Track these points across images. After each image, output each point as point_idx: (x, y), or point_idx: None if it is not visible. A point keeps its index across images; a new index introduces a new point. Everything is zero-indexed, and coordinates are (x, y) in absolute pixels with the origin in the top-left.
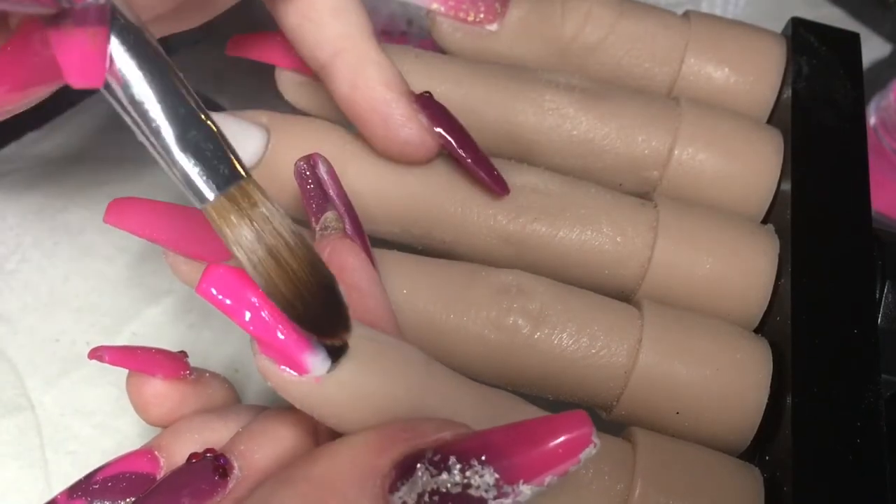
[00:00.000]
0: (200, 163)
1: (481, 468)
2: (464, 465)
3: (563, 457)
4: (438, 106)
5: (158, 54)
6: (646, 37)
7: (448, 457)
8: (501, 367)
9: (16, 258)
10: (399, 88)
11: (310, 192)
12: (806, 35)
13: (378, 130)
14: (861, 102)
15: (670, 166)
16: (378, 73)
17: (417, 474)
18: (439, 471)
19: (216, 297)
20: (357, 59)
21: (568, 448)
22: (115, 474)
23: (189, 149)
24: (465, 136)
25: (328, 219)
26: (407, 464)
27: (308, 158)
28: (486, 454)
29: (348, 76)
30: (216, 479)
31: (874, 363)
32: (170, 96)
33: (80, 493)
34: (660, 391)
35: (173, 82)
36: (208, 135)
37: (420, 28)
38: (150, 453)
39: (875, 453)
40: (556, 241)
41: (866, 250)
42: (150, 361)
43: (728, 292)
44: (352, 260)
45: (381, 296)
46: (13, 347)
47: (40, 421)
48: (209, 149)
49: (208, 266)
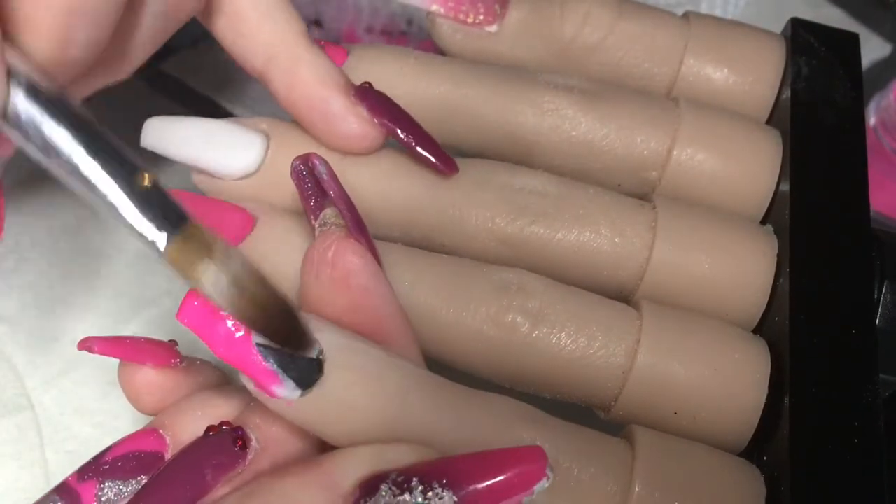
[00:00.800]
0: (150, 210)
1: (441, 491)
2: (425, 487)
3: (518, 487)
4: (378, 95)
5: (84, 116)
6: (645, 37)
7: (411, 478)
8: (500, 363)
9: (14, 257)
10: (334, 84)
11: (307, 191)
12: (805, 36)
13: (319, 127)
14: (860, 103)
15: (669, 167)
16: (311, 71)
17: (381, 493)
18: (402, 491)
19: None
20: (289, 62)
21: (523, 479)
22: (124, 454)
23: (135, 199)
24: (409, 121)
25: (327, 215)
26: (371, 484)
27: (305, 158)
28: (448, 479)
29: (284, 79)
30: (236, 450)
31: (872, 363)
32: (105, 153)
33: (91, 474)
34: (658, 391)
35: (106, 139)
36: (151, 183)
37: (420, 28)
38: (156, 432)
39: (873, 453)
40: (554, 243)
41: (865, 251)
42: (138, 350)
43: (726, 293)
44: (356, 259)
45: (388, 294)
46: (13, 347)
47: (40, 420)
48: (155, 196)
49: (186, 295)
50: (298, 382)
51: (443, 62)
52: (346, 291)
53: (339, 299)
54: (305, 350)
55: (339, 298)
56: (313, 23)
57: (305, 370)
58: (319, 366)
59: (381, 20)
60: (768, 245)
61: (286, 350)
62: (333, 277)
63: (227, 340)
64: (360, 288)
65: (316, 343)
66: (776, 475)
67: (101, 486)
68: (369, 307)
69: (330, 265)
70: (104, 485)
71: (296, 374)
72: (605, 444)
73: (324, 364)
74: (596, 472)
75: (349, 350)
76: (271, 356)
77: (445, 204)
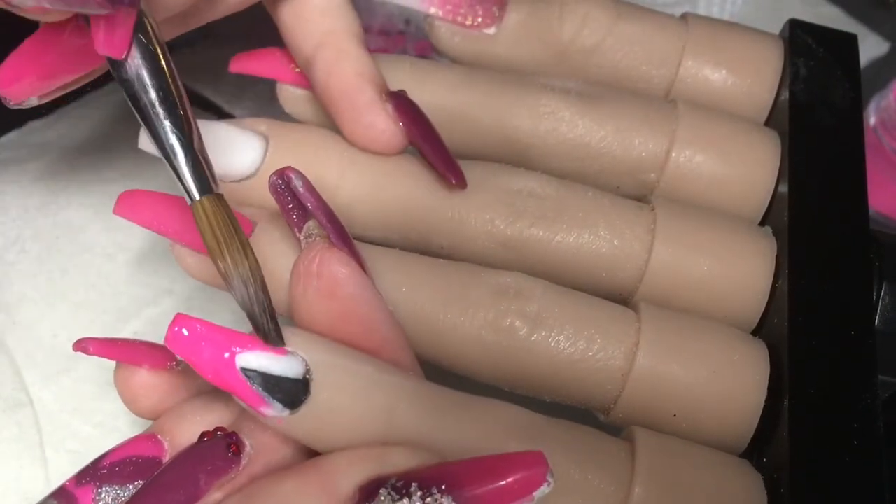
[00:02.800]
0: (198, 163)
1: (440, 497)
2: (424, 492)
3: (518, 493)
4: (409, 102)
5: (167, 55)
6: (643, 39)
7: (410, 483)
8: (498, 367)
9: (16, 249)
10: (371, 78)
11: (287, 206)
12: (803, 37)
13: (345, 115)
14: (859, 104)
15: (667, 169)
16: (353, 64)
17: (380, 497)
18: (401, 496)
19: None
20: (336, 53)
21: (523, 485)
22: (122, 459)
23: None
24: (432, 133)
25: (311, 227)
26: (370, 488)
27: (281, 173)
28: (447, 484)
29: (325, 67)
30: (229, 455)
31: (871, 365)
32: (173, 94)
33: (89, 478)
34: (657, 393)
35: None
36: (201, 137)
37: (417, 28)
38: (154, 437)
39: (872, 454)
40: (553, 245)
41: (864, 252)
42: (134, 352)
43: (725, 294)
44: (341, 269)
45: (376, 301)
46: (11, 338)
47: (39, 417)
48: (204, 150)
49: (173, 320)
50: (285, 404)
51: (438, 68)
52: (333, 301)
53: (328, 309)
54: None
55: (327, 309)
56: None
57: (291, 392)
58: (306, 386)
59: (379, 20)
60: (767, 246)
61: (271, 374)
62: (320, 288)
63: (213, 365)
64: (347, 297)
65: (303, 362)
66: (776, 476)
67: (98, 490)
68: (358, 315)
69: (315, 276)
70: (101, 489)
71: (281, 397)
72: (605, 444)
73: (310, 384)
74: (596, 473)
75: (336, 369)
76: (256, 380)
77: (445, 206)
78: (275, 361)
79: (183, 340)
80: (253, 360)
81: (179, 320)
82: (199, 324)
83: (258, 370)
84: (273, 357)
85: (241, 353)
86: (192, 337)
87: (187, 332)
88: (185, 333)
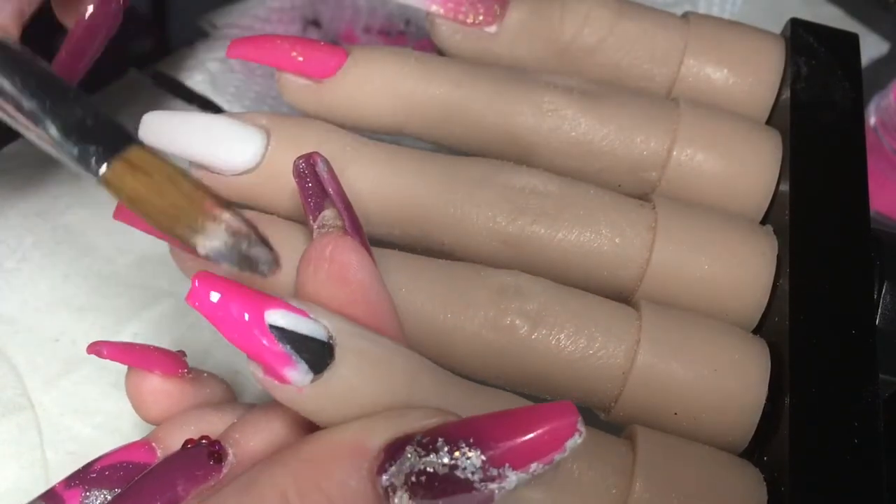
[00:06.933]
0: (84, 138)
1: (469, 450)
2: (451, 446)
3: (548, 445)
4: None
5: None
6: (645, 38)
7: (437, 439)
8: (499, 366)
9: (16, 257)
10: None
11: (308, 191)
12: (805, 36)
13: None
14: (860, 103)
15: (669, 167)
16: None
17: (406, 455)
18: (427, 452)
19: (202, 308)
20: None
21: (553, 436)
22: (113, 464)
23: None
24: None
25: (326, 217)
26: (396, 445)
27: (308, 157)
28: (475, 438)
29: None
30: (210, 464)
31: (872, 364)
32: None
33: (78, 482)
34: (658, 392)
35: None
36: (85, 108)
37: (417, 28)
38: (148, 444)
39: (873, 454)
40: (555, 243)
41: (865, 251)
42: (147, 358)
43: (726, 293)
44: (354, 256)
45: (383, 291)
46: (13, 346)
47: (40, 421)
48: (90, 120)
49: (196, 275)
50: (311, 365)
51: (443, 63)
52: (344, 286)
53: (337, 294)
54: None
55: (337, 293)
56: (311, 23)
57: (318, 353)
58: (330, 350)
59: (379, 20)
60: (768, 245)
61: (299, 333)
62: (331, 273)
63: (238, 322)
64: (357, 283)
65: (325, 327)
66: (776, 475)
67: (85, 494)
68: (366, 302)
69: (328, 261)
70: (89, 493)
71: (308, 357)
72: (606, 443)
73: (334, 348)
74: (597, 471)
75: (357, 335)
76: (285, 337)
77: (446, 202)
78: (301, 322)
79: (207, 299)
80: (280, 318)
81: (203, 278)
82: (224, 282)
83: (286, 328)
84: (299, 317)
85: (269, 311)
86: (219, 295)
87: (212, 291)
88: (210, 293)
